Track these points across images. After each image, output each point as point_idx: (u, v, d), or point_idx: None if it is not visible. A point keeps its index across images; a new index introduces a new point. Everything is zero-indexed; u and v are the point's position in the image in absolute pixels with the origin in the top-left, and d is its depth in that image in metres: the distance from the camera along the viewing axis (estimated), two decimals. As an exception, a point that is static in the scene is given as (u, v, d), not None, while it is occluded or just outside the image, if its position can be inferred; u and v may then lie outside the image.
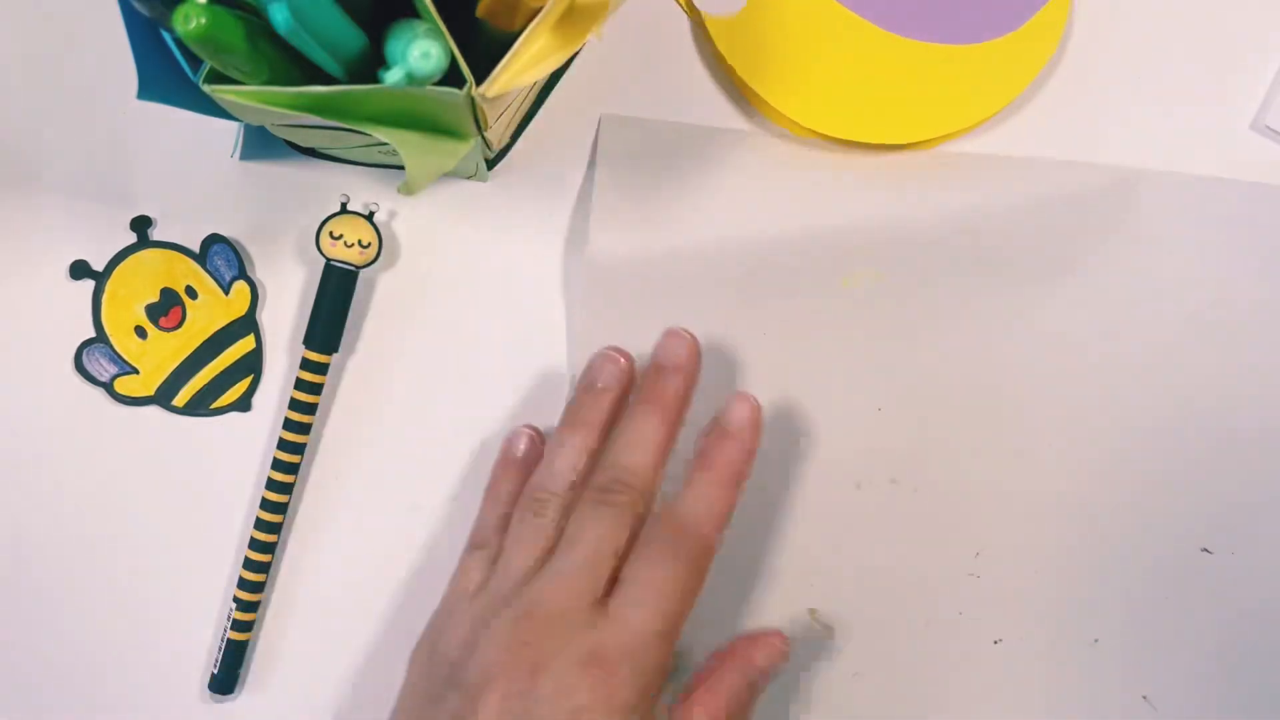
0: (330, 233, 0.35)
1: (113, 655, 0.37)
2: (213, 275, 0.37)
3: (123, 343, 0.37)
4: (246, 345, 0.37)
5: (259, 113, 0.27)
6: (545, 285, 0.38)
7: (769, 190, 0.37)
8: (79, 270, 0.37)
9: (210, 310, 0.37)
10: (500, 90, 0.27)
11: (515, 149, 0.38)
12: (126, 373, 0.37)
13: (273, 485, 0.36)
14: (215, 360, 0.37)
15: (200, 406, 0.37)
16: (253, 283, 0.37)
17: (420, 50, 0.24)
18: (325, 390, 0.37)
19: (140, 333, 0.37)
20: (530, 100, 0.37)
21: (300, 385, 0.36)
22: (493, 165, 0.38)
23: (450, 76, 0.26)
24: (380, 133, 0.27)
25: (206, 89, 0.26)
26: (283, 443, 0.36)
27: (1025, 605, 0.37)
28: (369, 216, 0.36)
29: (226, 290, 0.37)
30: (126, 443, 0.37)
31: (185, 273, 0.37)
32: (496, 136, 0.34)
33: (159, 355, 0.37)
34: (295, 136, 0.35)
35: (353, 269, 0.36)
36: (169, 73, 0.27)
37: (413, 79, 0.25)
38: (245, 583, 0.36)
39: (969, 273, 0.37)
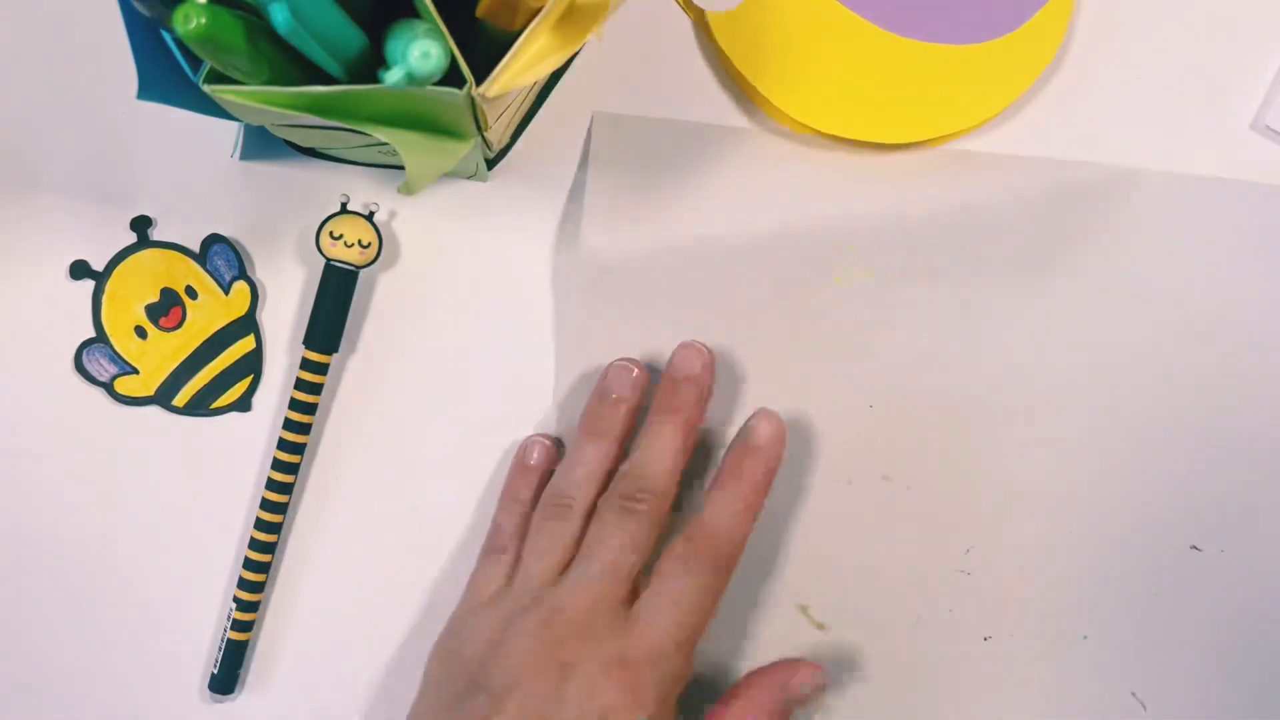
0: (330, 233, 0.35)
1: (113, 655, 0.37)
2: (213, 275, 0.37)
3: (123, 343, 0.37)
4: (246, 345, 0.37)
5: (259, 113, 0.27)
6: (545, 285, 0.38)
7: (762, 187, 0.37)
8: (79, 270, 0.37)
9: (210, 310, 0.37)
10: (500, 90, 0.27)
11: (515, 149, 0.38)
12: (126, 373, 0.37)
13: (273, 485, 0.36)
14: (215, 360, 0.37)
15: (200, 406, 0.37)
16: (253, 283, 0.37)
17: (420, 50, 0.24)
18: (325, 390, 0.37)
19: (140, 333, 0.37)
20: (530, 100, 0.37)
21: (300, 385, 0.36)
22: (493, 165, 0.38)
23: (450, 76, 0.26)
24: (380, 133, 0.27)
25: (206, 89, 0.26)
26: (283, 443, 0.36)
27: (1015, 602, 0.37)
28: (369, 216, 0.36)
29: (226, 290, 0.37)
30: (126, 443, 0.37)
31: (185, 273, 0.37)
32: (496, 136, 0.34)
33: (159, 355, 0.37)
34: (295, 136, 0.35)
35: (353, 269, 0.36)
36: (169, 73, 0.27)
37: (413, 79, 0.25)
38: (245, 583, 0.36)
39: (962, 271, 0.37)
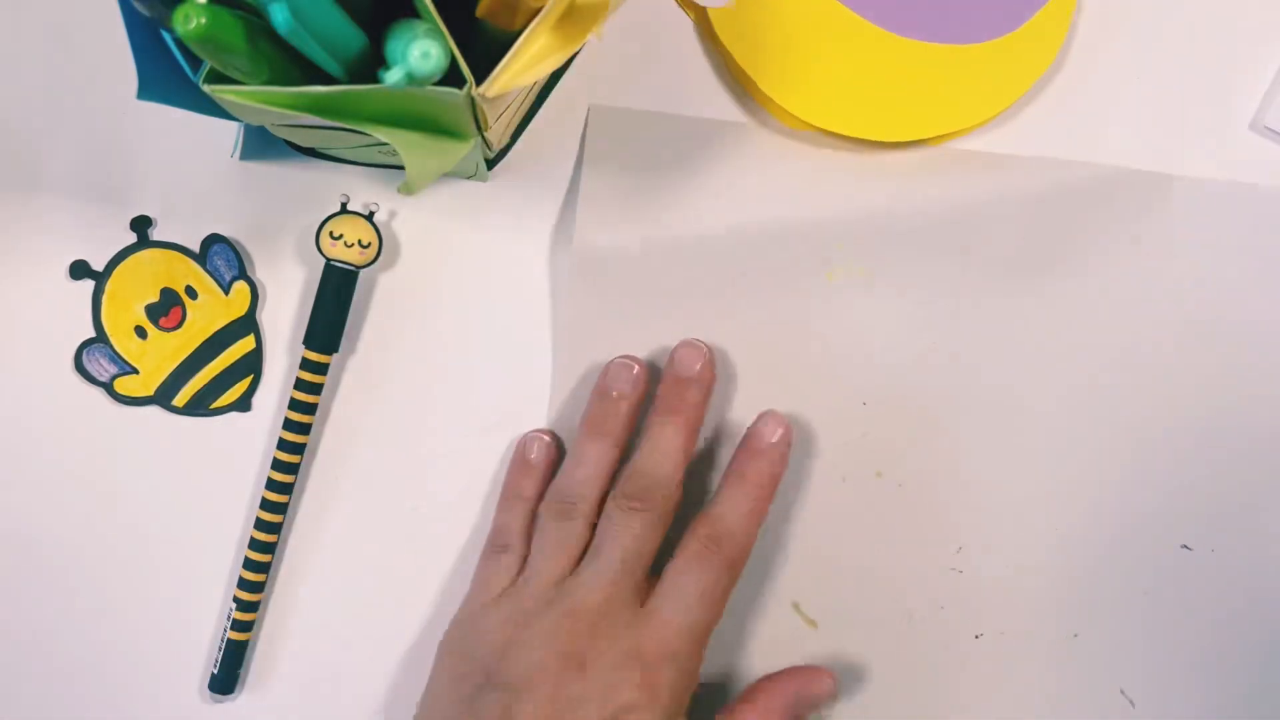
0: (330, 233, 0.35)
1: (113, 655, 0.37)
2: (213, 275, 0.37)
3: (123, 343, 0.37)
4: (246, 345, 0.37)
5: (259, 113, 0.27)
6: (545, 285, 0.38)
7: (757, 183, 0.37)
8: (79, 270, 0.37)
9: (210, 310, 0.37)
10: (500, 90, 0.27)
11: (515, 149, 0.38)
12: (126, 373, 0.37)
13: (273, 485, 0.36)
14: (215, 360, 0.37)
15: (200, 406, 0.37)
16: (253, 283, 0.37)
17: (420, 50, 0.24)
18: (325, 390, 0.37)
19: (140, 333, 0.37)
20: (530, 100, 0.37)
21: (300, 385, 0.36)
22: (493, 165, 0.38)
23: (450, 76, 0.26)
24: (380, 133, 0.27)
25: (206, 89, 0.26)
26: (283, 443, 0.36)
27: (1006, 600, 0.37)
28: (369, 216, 0.36)
29: (226, 290, 0.37)
30: (126, 443, 0.37)
31: (185, 273, 0.37)
32: (496, 136, 0.34)
33: (159, 355, 0.37)
34: (295, 136, 0.35)
35: (353, 269, 0.36)
36: (169, 73, 0.27)
37: (413, 79, 0.25)
38: (245, 583, 0.36)
39: (956, 268, 0.37)
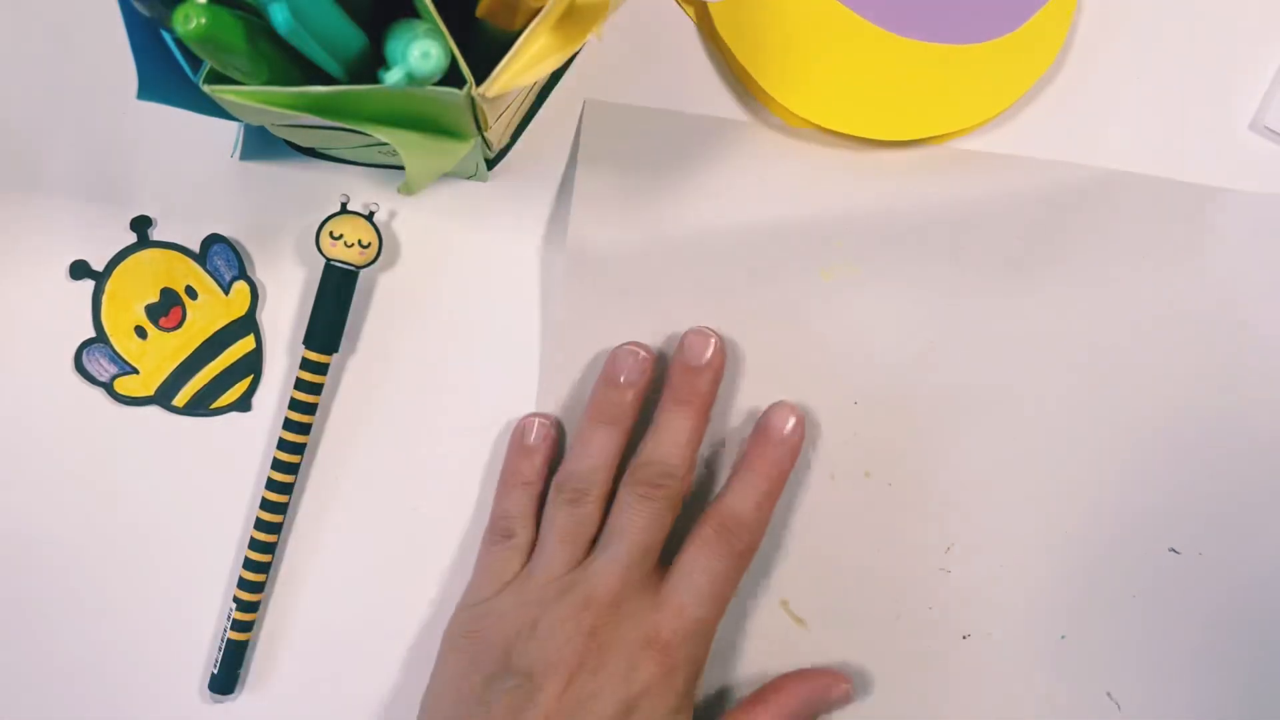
0: (330, 233, 0.35)
1: (113, 655, 0.37)
2: (213, 275, 0.37)
3: (123, 343, 0.37)
4: (246, 345, 0.37)
5: (259, 113, 0.27)
6: (545, 285, 0.38)
7: (752, 180, 0.37)
8: (79, 270, 0.37)
9: (210, 310, 0.37)
10: (500, 90, 0.27)
11: (515, 149, 0.38)
12: (126, 373, 0.37)
13: (273, 485, 0.36)
14: (215, 360, 0.37)
15: (200, 406, 0.37)
16: (253, 283, 0.37)
17: (420, 50, 0.24)
18: (325, 390, 0.37)
19: (140, 333, 0.37)
20: (530, 100, 0.37)
21: (300, 385, 0.36)
22: (493, 165, 0.38)
23: (450, 76, 0.26)
24: (380, 133, 0.27)
25: (206, 89, 0.26)
26: (283, 443, 0.36)
27: (995, 601, 0.37)
28: (369, 216, 0.36)
29: (226, 290, 0.37)
30: (126, 443, 0.37)
31: (185, 273, 0.37)
32: (496, 136, 0.34)
33: (159, 355, 0.37)
34: (295, 136, 0.35)
35: (353, 269, 0.36)
36: (169, 73, 0.27)
37: (413, 79, 0.25)
38: (245, 583, 0.36)
39: (950, 269, 0.37)
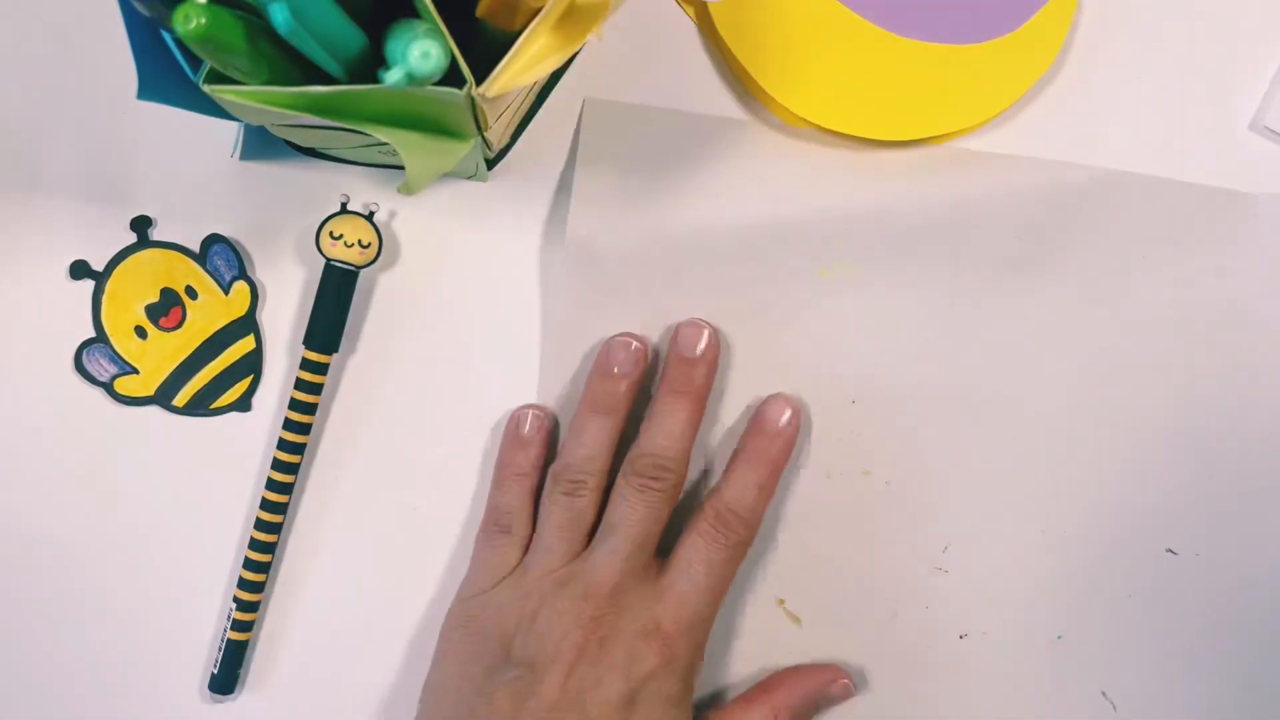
0: (330, 233, 0.35)
1: (113, 655, 0.37)
2: (213, 275, 0.37)
3: (123, 343, 0.37)
4: (246, 345, 0.37)
5: (259, 113, 0.27)
6: (545, 285, 0.38)
7: (751, 179, 0.37)
8: (79, 270, 0.37)
9: (210, 310, 0.37)
10: (500, 90, 0.27)
11: (515, 149, 0.38)
12: (126, 373, 0.37)
13: (273, 485, 0.36)
14: (215, 360, 0.37)
15: (200, 406, 0.37)
16: (253, 283, 0.37)
17: (420, 50, 0.24)
18: (325, 390, 0.37)
19: (140, 333, 0.37)
20: (530, 100, 0.37)
21: (300, 385, 0.36)
22: (493, 165, 0.38)
23: (450, 76, 0.26)
24: (380, 133, 0.27)
25: (206, 89, 0.26)
26: (283, 443, 0.36)
27: (992, 600, 0.37)
28: (369, 216, 0.36)
29: (226, 290, 0.37)
30: (126, 443, 0.37)
31: (185, 273, 0.37)
32: (496, 136, 0.34)
33: (159, 355, 0.37)
34: (295, 136, 0.35)
35: (353, 269, 0.36)
36: (169, 73, 0.27)
37: (413, 79, 0.25)
38: (245, 583, 0.36)
39: (948, 269, 0.37)
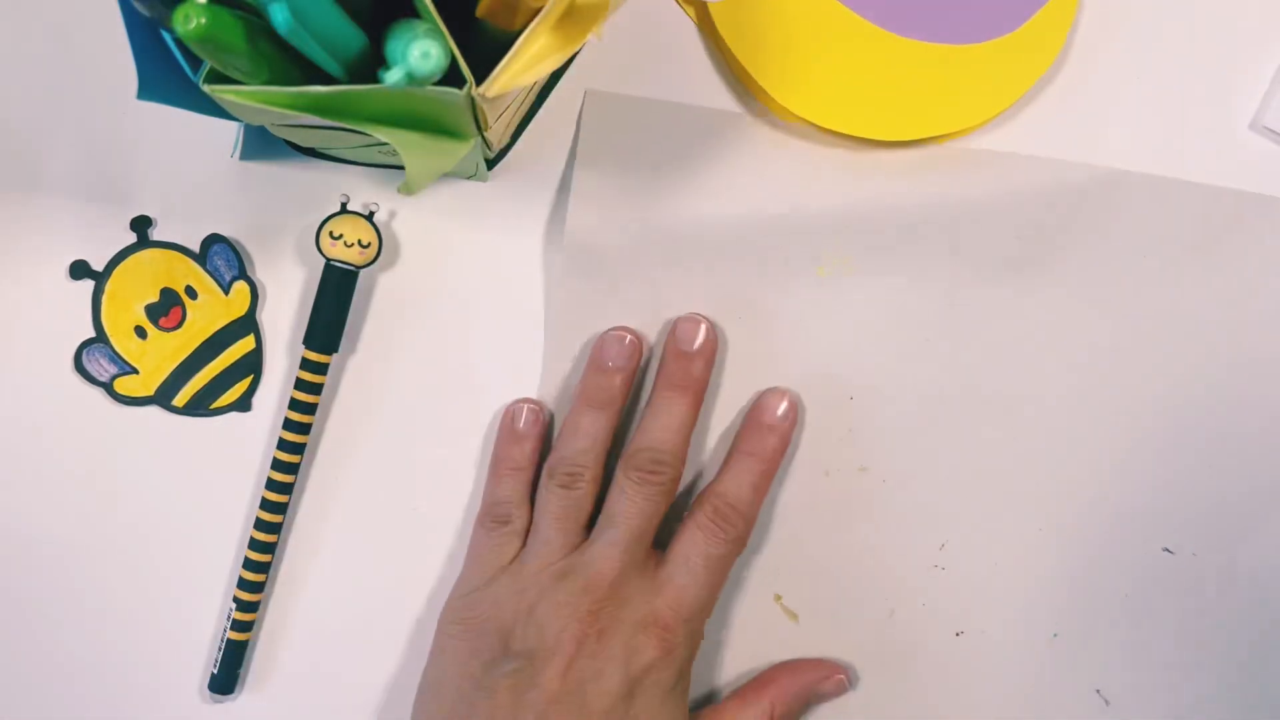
0: (330, 233, 0.35)
1: (112, 655, 0.37)
2: (213, 275, 0.37)
3: (123, 343, 0.37)
4: (246, 345, 0.37)
5: (259, 113, 0.27)
6: (546, 284, 0.38)
7: (750, 174, 0.37)
8: (79, 270, 0.37)
9: (210, 310, 0.37)
10: (500, 90, 0.27)
11: (515, 149, 0.38)
12: (126, 373, 0.37)
13: (273, 485, 0.36)
14: (215, 360, 0.37)
15: (200, 406, 0.37)
16: (253, 283, 0.37)
17: (420, 50, 0.24)
18: (325, 390, 0.37)
19: (140, 333, 0.37)
20: (530, 100, 0.37)
21: (300, 385, 0.36)
22: (493, 165, 0.38)
23: (450, 76, 0.26)
24: (380, 133, 0.27)
25: (206, 89, 0.26)
26: (283, 443, 0.36)
27: (988, 598, 0.37)
28: (369, 216, 0.36)
29: (226, 290, 0.37)
30: (126, 443, 0.37)
31: (185, 273, 0.37)
32: (496, 136, 0.34)
33: (159, 355, 0.37)
34: (295, 136, 0.35)
35: (353, 269, 0.36)
36: (169, 73, 0.27)
37: (413, 79, 0.25)
38: (245, 583, 0.36)
39: (945, 266, 0.37)
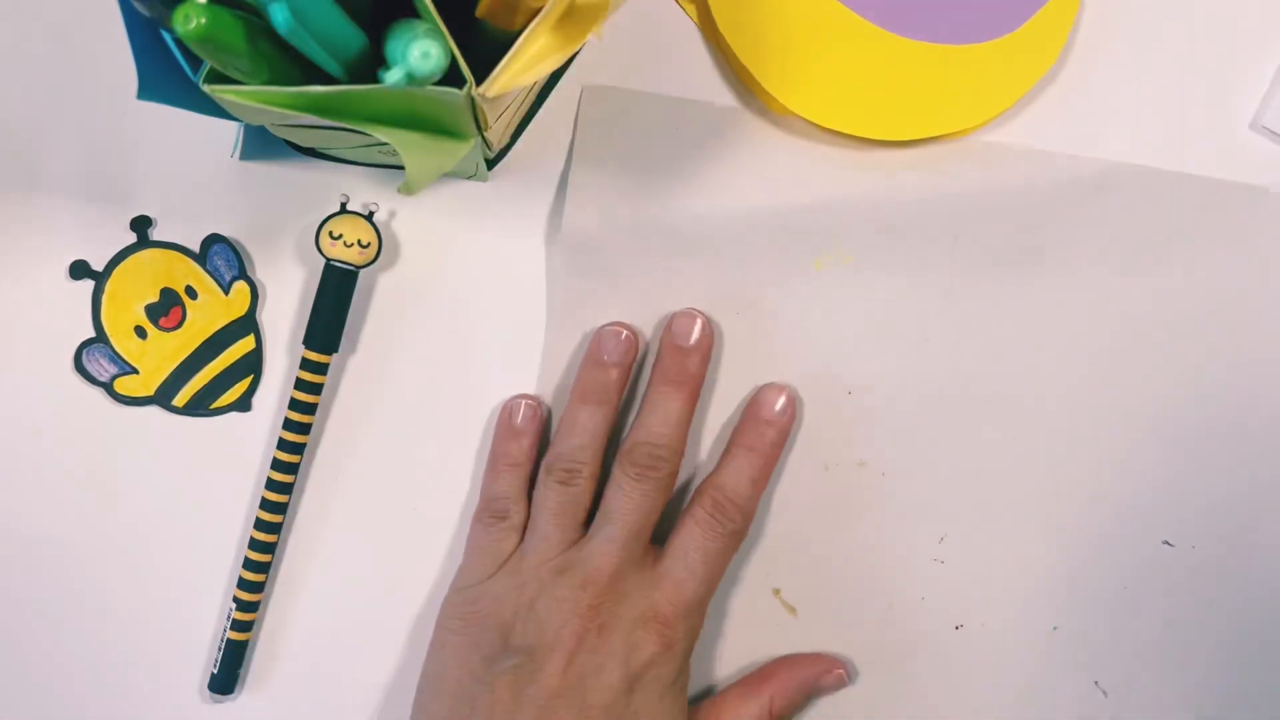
0: (330, 233, 0.35)
1: (112, 655, 0.37)
2: (213, 275, 0.37)
3: (123, 343, 0.37)
4: (246, 345, 0.37)
5: (259, 113, 0.27)
6: (545, 284, 0.38)
7: (748, 169, 0.37)
8: (79, 270, 0.37)
9: (210, 310, 0.37)
10: (500, 90, 0.27)
11: (515, 149, 0.38)
12: (126, 373, 0.37)
13: (273, 485, 0.36)
14: (215, 360, 0.37)
15: (200, 406, 0.37)
16: (253, 283, 0.37)
17: (420, 50, 0.24)
18: (325, 390, 0.37)
19: (140, 333, 0.37)
20: (530, 100, 0.37)
21: (300, 385, 0.36)
22: (493, 165, 0.38)
23: (450, 76, 0.26)
24: (380, 133, 0.27)
25: (206, 89, 0.26)
26: (283, 443, 0.36)
27: (987, 592, 0.37)
28: (369, 216, 0.36)
29: (226, 290, 0.37)
30: (126, 443, 0.37)
31: (185, 273, 0.37)
32: (496, 136, 0.34)
33: (159, 355, 0.37)
34: (295, 136, 0.35)
35: (353, 269, 0.36)
36: (169, 73, 0.27)
37: (413, 79, 0.25)
38: (245, 583, 0.36)
39: (945, 259, 0.37)
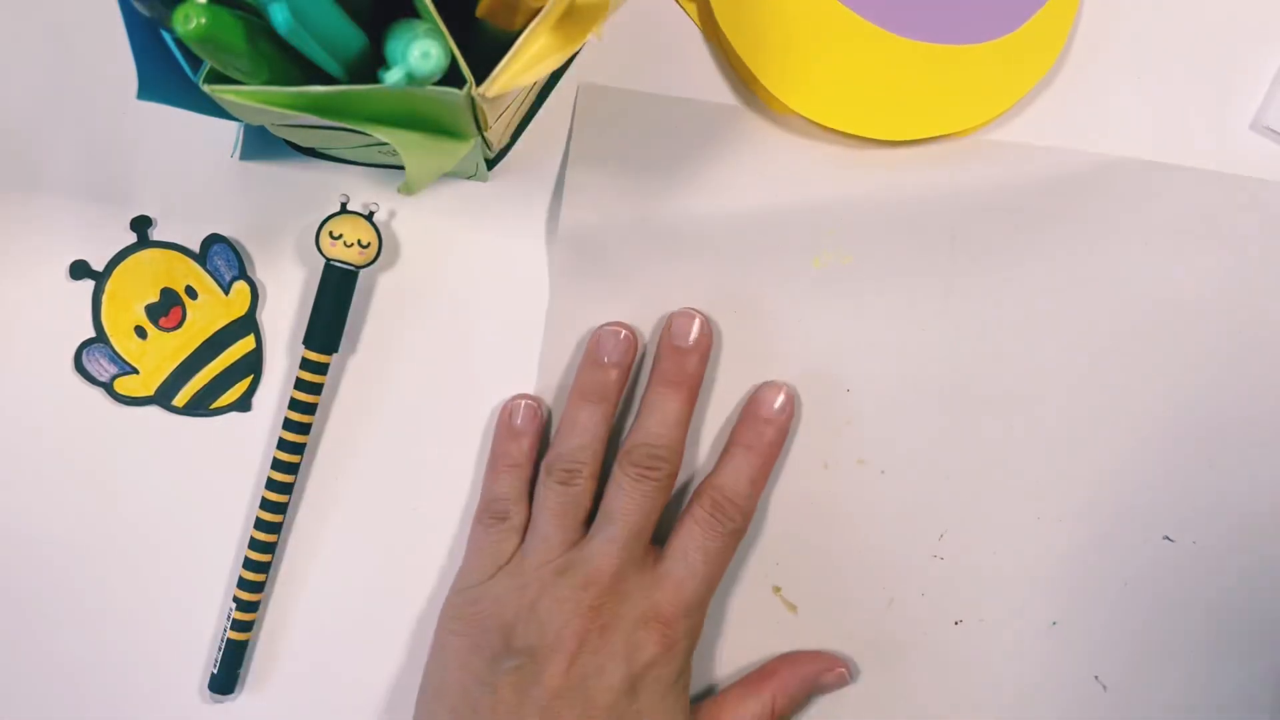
0: (330, 233, 0.35)
1: (112, 655, 0.37)
2: (213, 275, 0.37)
3: (123, 343, 0.37)
4: (246, 345, 0.37)
5: (259, 113, 0.27)
6: (545, 285, 0.38)
7: (746, 167, 0.37)
8: (79, 270, 0.37)
9: (210, 310, 0.37)
10: (500, 90, 0.27)
11: (515, 149, 0.38)
12: (126, 373, 0.37)
13: (273, 485, 0.36)
14: (215, 360, 0.37)
15: (200, 406, 0.37)
16: (253, 283, 0.37)
17: (420, 50, 0.24)
18: (325, 390, 0.37)
19: (140, 333, 0.37)
20: (530, 100, 0.37)
21: (300, 385, 0.36)
22: (493, 165, 0.38)
23: (450, 76, 0.26)
24: (380, 133, 0.27)
25: (206, 89, 0.26)
26: (283, 443, 0.36)
27: (987, 587, 0.38)
28: (369, 216, 0.36)
29: (226, 290, 0.37)
30: (126, 443, 0.37)
31: (185, 273, 0.37)
32: (496, 136, 0.34)
33: (159, 355, 0.37)
34: (295, 136, 0.35)
35: (353, 269, 0.36)
36: (169, 73, 0.27)
37: (413, 79, 0.25)
38: (245, 583, 0.36)
39: (943, 256, 0.37)
